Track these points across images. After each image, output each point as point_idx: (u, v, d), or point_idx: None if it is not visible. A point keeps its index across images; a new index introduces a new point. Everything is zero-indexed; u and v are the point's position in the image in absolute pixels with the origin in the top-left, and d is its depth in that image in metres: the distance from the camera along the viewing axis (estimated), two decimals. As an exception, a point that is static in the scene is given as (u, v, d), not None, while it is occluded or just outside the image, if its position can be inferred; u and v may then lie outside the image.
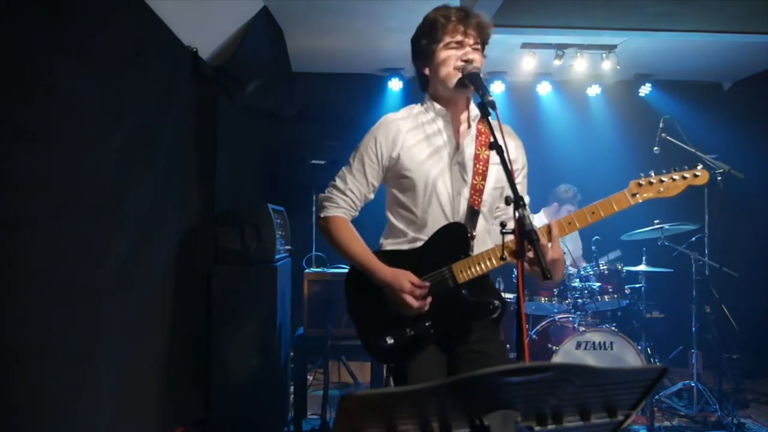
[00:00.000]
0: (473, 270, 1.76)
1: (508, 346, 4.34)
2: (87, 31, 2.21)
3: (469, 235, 1.81)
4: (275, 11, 3.98)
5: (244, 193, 4.36)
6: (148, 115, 2.76)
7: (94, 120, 2.27)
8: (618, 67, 4.75)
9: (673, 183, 1.73)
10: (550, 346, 3.70)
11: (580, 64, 4.78)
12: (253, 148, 4.75)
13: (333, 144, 4.57)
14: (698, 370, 3.95)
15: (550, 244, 1.69)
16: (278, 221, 3.71)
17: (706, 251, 4.03)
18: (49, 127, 1.97)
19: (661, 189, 1.73)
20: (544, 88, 5.45)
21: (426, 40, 1.88)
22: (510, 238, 1.46)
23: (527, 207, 1.85)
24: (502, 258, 1.70)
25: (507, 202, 1.41)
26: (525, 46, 4.61)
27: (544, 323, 3.99)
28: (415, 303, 1.74)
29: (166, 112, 2.99)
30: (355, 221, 2.00)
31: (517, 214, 1.38)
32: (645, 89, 5.47)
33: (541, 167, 5.42)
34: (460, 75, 1.79)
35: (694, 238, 4.17)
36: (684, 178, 1.74)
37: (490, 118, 1.61)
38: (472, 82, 1.73)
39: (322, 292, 3.65)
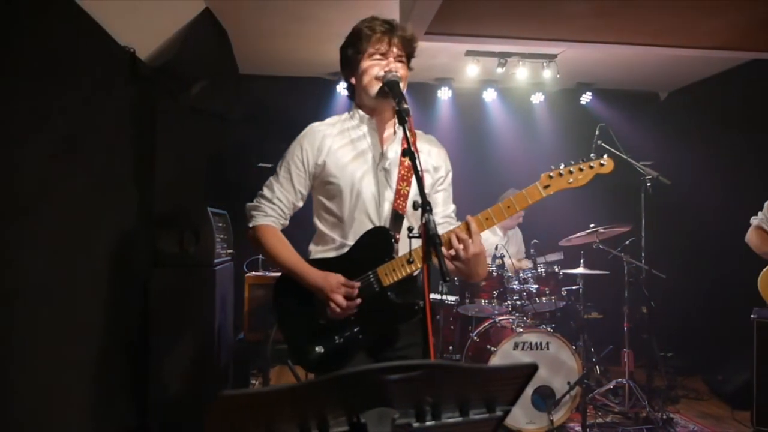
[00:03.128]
0: (398, 273, 1.79)
1: (451, 347, 4.46)
2: (10, 29, 2.16)
3: (392, 238, 1.83)
4: (218, 12, 3.95)
5: (187, 196, 4.29)
6: (78, 115, 2.70)
7: (18, 120, 2.22)
8: (558, 75, 4.91)
9: (581, 173, 1.79)
10: (489, 347, 3.79)
11: (522, 73, 4.92)
12: (197, 150, 4.69)
13: (281, 147, 4.57)
14: (630, 368, 4.10)
15: (470, 240, 1.72)
16: (219, 225, 3.69)
17: (643, 254, 4.19)
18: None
19: (571, 179, 1.79)
20: (489, 95, 5.58)
21: (351, 50, 1.92)
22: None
23: (433, 212, 1.92)
24: (409, 261, 1.74)
25: (414, 207, 1.45)
26: (469, 53, 4.71)
27: (485, 324, 4.08)
28: (344, 302, 1.76)
29: (100, 112, 2.93)
30: (284, 232, 2.01)
31: (423, 219, 1.42)
32: (586, 98, 5.66)
33: (488, 172, 5.59)
34: (380, 84, 1.83)
35: (627, 242, 4.33)
36: (591, 167, 1.80)
37: (405, 125, 1.65)
38: (390, 89, 1.77)
39: (264, 296, 3.64)
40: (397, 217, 1.87)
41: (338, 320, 1.81)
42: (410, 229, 1.50)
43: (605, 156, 1.82)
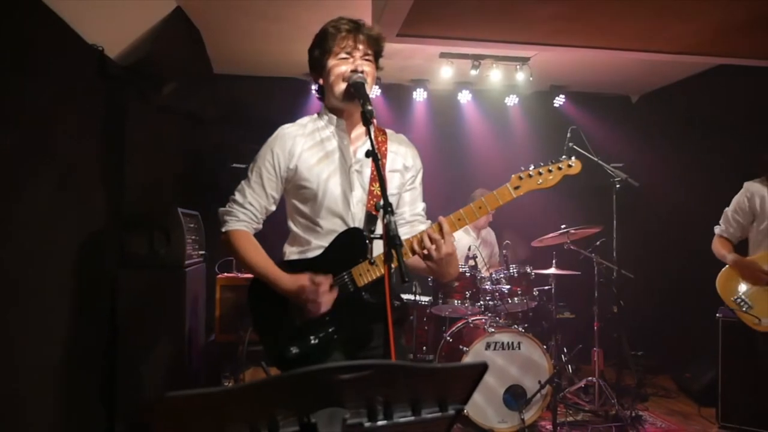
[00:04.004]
0: (372, 273, 1.80)
1: (425, 347, 4.48)
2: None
3: (366, 239, 1.83)
4: (189, 11, 3.92)
5: (159, 197, 4.25)
6: (44, 114, 2.66)
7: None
8: (531, 78, 4.96)
9: (550, 174, 1.83)
10: (461, 347, 3.81)
11: (495, 75, 4.96)
12: (170, 150, 4.65)
13: (256, 148, 4.55)
14: (600, 366, 4.16)
15: (443, 240, 1.73)
16: (191, 225, 3.66)
17: (614, 254, 4.24)
18: None
19: (540, 181, 1.82)
20: (464, 97, 5.62)
21: (318, 50, 1.91)
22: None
23: (403, 210, 1.94)
24: (371, 263, 1.75)
25: (376, 208, 1.46)
26: (443, 55, 4.74)
27: (459, 325, 4.11)
28: (318, 297, 1.76)
29: (66, 111, 2.89)
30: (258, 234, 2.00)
31: (384, 220, 1.43)
32: (559, 100, 5.74)
33: (461, 173, 5.63)
34: (346, 84, 1.83)
35: (598, 242, 4.40)
36: (559, 169, 1.83)
37: (370, 126, 1.65)
38: (356, 91, 1.77)
39: (236, 298, 3.62)
40: (370, 217, 1.88)
41: (313, 321, 1.81)
42: (372, 231, 1.50)
43: (573, 158, 1.86)
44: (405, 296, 4.41)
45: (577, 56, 4.74)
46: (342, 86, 1.85)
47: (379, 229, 1.81)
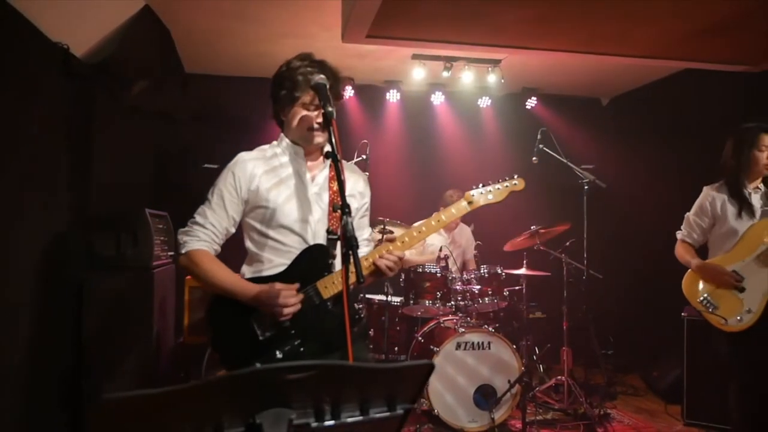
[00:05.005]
0: (337, 285, 1.84)
1: (396, 348, 4.49)
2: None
3: (330, 255, 1.89)
4: (158, 10, 3.87)
5: (127, 198, 4.20)
6: (4, 113, 2.61)
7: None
8: (502, 80, 5.01)
9: (498, 191, 2.08)
10: (432, 347, 3.83)
11: (467, 77, 5.00)
12: (140, 150, 4.59)
13: (228, 147, 4.51)
14: (569, 365, 4.21)
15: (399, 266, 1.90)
16: (159, 226, 3.62)
17: (585, 255, 4.29)
18: None
19: (490, 197, 2.07)
20: (437, 98, 5.65)
21: (285, 92, 1.94)
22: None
23: (352, 215, 1.97)
24: (330, 273, 1.79)
25: (334, 209, 1.47)
26: (415, 57, 4.76)
27: (430, 325, 4.13)
28: (289, 300, 1.78)
29: (28, 111, 2.84)
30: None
31: (342, 221, 1.44)
32: (531, 102, 5.80)
33: (434, 173, 5.66)
34: (309, 134, 1.92)
35: (568, 243, 4.46)
36: (506, 186, 2.10)
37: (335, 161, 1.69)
38: (318, 93, 1.79)
39: (205, 298, 3.57)
40: (331, 237, 1.91)
41: (278, 335, 1.82)
42: (329, 231, 1.51)
43: (516, 176, 2.13)
44: (376, 297, 4.42)
45: (548, 59, 4.79)
46: (307, 134, 1.93)
47: (337, 250, 1.87)
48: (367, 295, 4.42)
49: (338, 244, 1.89)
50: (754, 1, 3.04)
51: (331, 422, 0.97)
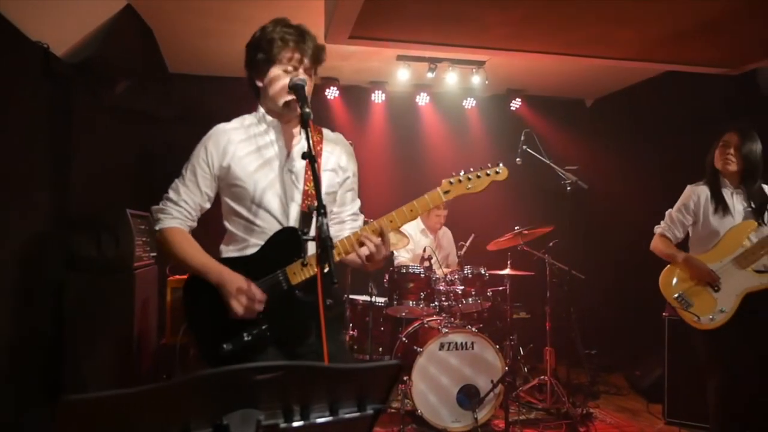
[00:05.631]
0: (306, 272, 1.82)
1: (381, 348, 4.49)
2: None
3: (301, 238, 1.85)
4: (141, 10, 3.85)
5: (109, 198, 4.16)
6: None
7: None
8: (486, 82, 5.03)
9: (478, 180, 1.89)
10: (415, 347, 3.84)
11: (452, 78, 5.02)
12: (122, 150, 4.56)
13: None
14: (551, 365, 4.24)
15: (383, 245, 1.79)
16: (141, 227, 3.59)
17: (569, 255, 4.31)
18: None
19: (469, 186, 1.88)
20: (422, 99, 5.66)
21: (262, 55, 1.91)
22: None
23: (332, 211, 1.96)
24: (303, 264, 1.76)
25: (309, 210, 1.47)
26: (400, 58, 4.77)
27: (415, 325, 4.14)
28: (240, 310, 1.77)
29: (7, 110, 2.81)
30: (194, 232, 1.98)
31: (317, 222, 1.43)
32: (515, 103, 5.83)
33: (419, 175, 5.67)
34: (288, 97, 1.84)
35: (551, 243, 4.48)
36: (487, 174, 1.90)
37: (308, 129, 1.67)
38: (296, 92, 1.78)
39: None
40: (305, 217, 1.89)
41: (247, 318, 1.81)
42: (303, 233, 1.51)
43: (500, 164, 1.91)
44: (361, 298, 4.41)
45: (532, 61, 4.83)
46: (285, 98, 1.86)
47: (313, 230, 1.82)
48: (351, 296, 4.42)
49: (312, 225, 1.85)
50: (732, 5, 3.08)
51: (300, 423, 0.97)
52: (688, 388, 3.82)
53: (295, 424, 0.96)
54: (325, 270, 1.42)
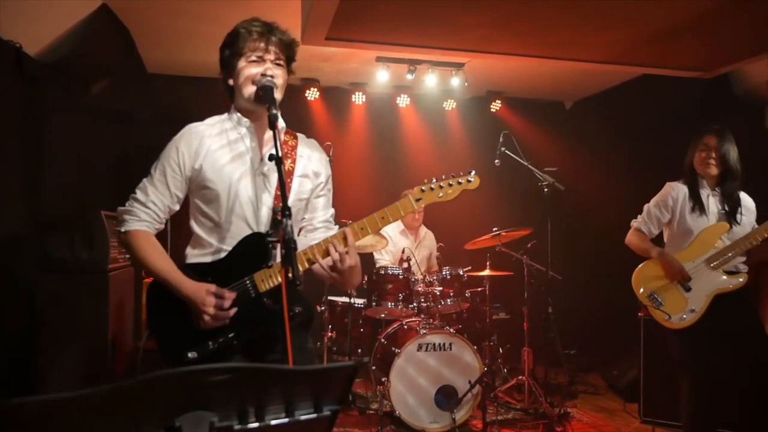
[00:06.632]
0: (274, 279, 1.78)
1: (360, 350, 4.49)
2: None
3: (269, 245, 1.81)
4: (117, 10, 3.82)
5: (83, 200, 4.11)
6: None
7: None
8: (466, 83, 5.06)
9: (450, 188, 1.87)
10: (394, 349, 3.84)
11: (431, 80, 5.04)
12: (98, 151, 4.50)
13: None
14: (529, 365, 4.27)
15: (346, 250, 1.75)
16: (117, 229, 3.55)
17: (548, 256, 4.34)
18: None
19: (441, 194, 1.86)
20: (403, 101, 5.68)
21: (229, 51, 1.88)
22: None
23: (304, 219, 1.94)
24: (269, 267, 1.75)
25: (274, 212, 1.46)
26: (379, 59, 4.77)
27: (394, 326, 4.14)
28: (210, 322, 1.74)
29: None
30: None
31: (282, 224, 1.43)
32: (495, 105, 5.87)
33: (399, 176, 5.67)
34: (253, 88, 1.81)
35: (530, 244, 4.51)
36: (459, 183, 1.87)
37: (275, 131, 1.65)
38: (264, 94, 1.77)
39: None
40: (276, 222, 1.85)
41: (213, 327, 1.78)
42: (268, 234, 1.50)
43: (473, 173, 1.89)
44: (340, 299, 4.41)
45: (511, 63, 4.86)
46: (251, 89, 1.83)
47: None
48: (330, 297, 4.42)
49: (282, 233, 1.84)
50: (703, 10, 3.14)
51: (256, 424, 0.97)
52: (663, 387, 3.87)
53: (250, 425, 0.96)
54: (290, 275, 1.40)
